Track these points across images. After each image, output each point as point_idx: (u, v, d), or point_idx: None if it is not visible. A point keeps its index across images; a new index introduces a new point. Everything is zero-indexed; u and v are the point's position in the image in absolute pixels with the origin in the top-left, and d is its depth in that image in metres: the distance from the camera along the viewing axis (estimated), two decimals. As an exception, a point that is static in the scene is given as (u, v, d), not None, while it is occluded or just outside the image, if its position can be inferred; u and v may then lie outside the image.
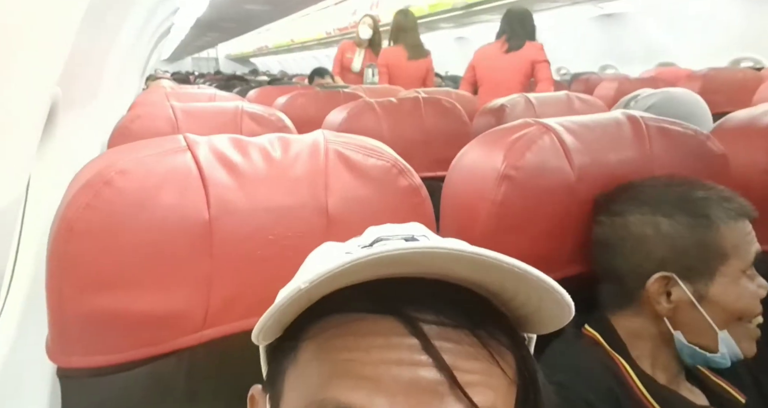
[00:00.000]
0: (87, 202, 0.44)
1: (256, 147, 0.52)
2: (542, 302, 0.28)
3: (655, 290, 0.55)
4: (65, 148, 0.94)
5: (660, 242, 0.54)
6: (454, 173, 0.66)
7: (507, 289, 0.28)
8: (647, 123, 0.66)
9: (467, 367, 0.26)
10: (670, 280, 0.54)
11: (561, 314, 0.28)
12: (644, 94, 1.08)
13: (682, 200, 0.55)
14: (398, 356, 0.26)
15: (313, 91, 1.96)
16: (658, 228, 0.55)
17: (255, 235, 0.49)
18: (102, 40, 1.35)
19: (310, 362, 0.28)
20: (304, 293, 0.25)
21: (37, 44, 0.55)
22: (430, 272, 0.28)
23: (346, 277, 0.26)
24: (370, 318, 0.27)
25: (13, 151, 0.56)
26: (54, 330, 0.46)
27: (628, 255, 0.56)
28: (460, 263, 0.26)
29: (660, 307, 0.55)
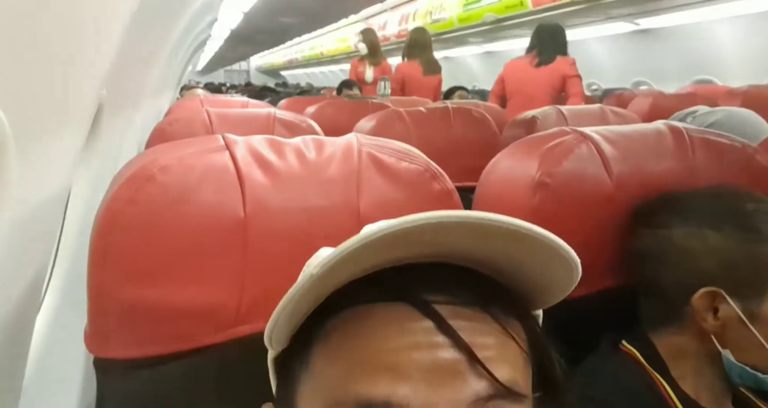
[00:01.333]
0: (130, 196, 0.46)
1: (291, 148, 0.53)
2: (548, 264, 0.27)
3: (701, 306, 0.52)
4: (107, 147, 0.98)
5: (707, 256, 0.52)
6: (487, 180, 0.66)
7: (513, 258, 0.27)
8: (690, 134, 0.65)
9: (484, 342, 0.26)
10: (718, 295, 0.51)
11: (568, 277, 0.28)
12: (702, 111, 1.06)
13: (732, 213, 0.52)
14: (415, 340, 0.26)
15: (342, 101, 1.99)
16: (705, 241, 0.52)
17: (288, 235, 0.49)
18: (145, 49, 1.41)
19: (323, 363, 0.27)
20: (315, 281, 0.25)
21: (87, 48, 0.57)
22: (435, 253, 0.27)
23: (353, 264, 0.26)
24: (381, 306, 0.27)
25: (61, 147, 0.59)
26: (93, 320, 0.47)
27: (672, 269, 0.54)
28: (465, 233, 0.26)
29: (706, 324, 0.52)
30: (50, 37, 0.45)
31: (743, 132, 0.89)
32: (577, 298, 0.59)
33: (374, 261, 0.26)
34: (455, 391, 0.25)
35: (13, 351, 0.55)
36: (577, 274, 0.28)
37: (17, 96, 0.41)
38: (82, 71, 0.60)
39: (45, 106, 0.50)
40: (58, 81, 0.52)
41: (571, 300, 0.53)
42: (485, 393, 0.25)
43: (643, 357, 0.54)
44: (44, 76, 0.47)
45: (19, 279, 0.52)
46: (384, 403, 0.25)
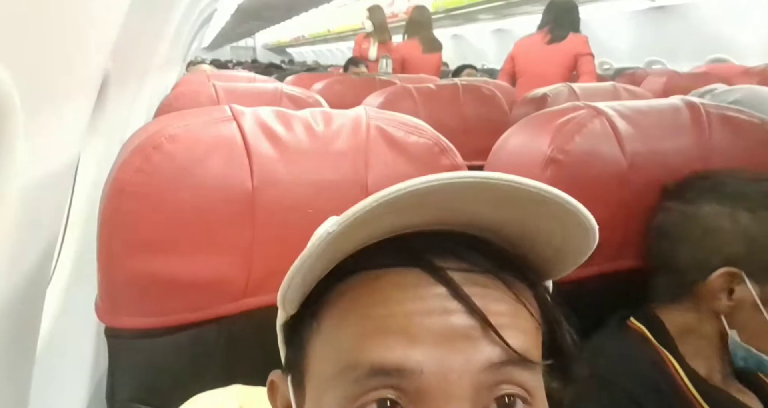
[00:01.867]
0: (138, 165, 0.46)
1: (299, 120, 0.53)
2: (565, 229, 0.27)
3: (718, 285, 0.51)
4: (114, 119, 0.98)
5: (736, 237, 0.51)
6: (497, 156, 0.65)
7: (528, 226, 0.27)
8: (708, 110, 0.63)
9: (497, 309, 0.26)
10: (737, 276, 0.51)
11: (585, 243, 0.27)
12: (721, 90, 1.03)
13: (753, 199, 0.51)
14: (428, 306, 0.25)
15: (349, 78, 1.97)
16: (736, 222, 0.51)
17: (295, 207, 0.49)
18: (151, 21, 1.39)
19: (335, 327, 0.27)
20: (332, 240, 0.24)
21: (92, 19, 0.56)
22: (447, 221, 0.27)
23: (370, 226, 0.25)
24: (394, 271, 0.26)
25: (68, 116, 0.59)
26: (103, 290, 0.47)
27: (695, 246, 0.53)
28: (482, 196, 0.25)
29: (718, 303, 0.52)
30: (58, 7, 0.44)
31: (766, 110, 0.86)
32: (588, 278, 0.59)
33: (388, 225, 0.26)
34: (468, 357, 0.25)
35: (24, 323, 0.56)
36: (594, 238, 0.27)
37: (24, 63, 0.40)
38: (89, 41, 0.59)
39: (52, 74, 0.49)
40: (66, 50, 0.51)
41: (581, 279, 0.53)
42: (498, 359, 0.25)
43: (651, 334, 0.54)
44: (51, 45, 0.46)
45: (29, 250, 0.52)
46: (397, 367, 0.24)
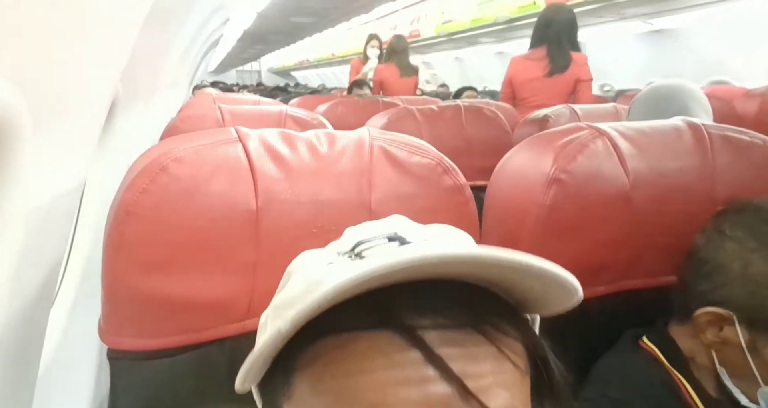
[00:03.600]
0: (144, 186, 0.46)
1: (303, 141, 0.53)
2: (546, 288, 0.26)
3: (705, 321, 0.50)
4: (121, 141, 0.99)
5: (741, 283, 0.49)
6: (499, 176, 0.65)
7: (507, 280, 0.26)
8: (710, 130, 0.63)
9: (477, 370, 0.24)
10: (725, 318, 0.49)
11: (567, 297, 0.27)
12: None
13: None
14: (403, 374, 0.24)
15: (353, 100, 1.99)
16: (747, 268, 0.49)
17: (299, 227, 0.49)
18: (160, 45, 1.42)
19: (307, 396, 0.26)
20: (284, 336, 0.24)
21: (103, 43, 0.58)
22: (423, 276, 0.26)
23: (332, 300, 0.24)
24: (366, 335, 0.25)
25: (77, 138, 0.60)
26: (106, 311, 0.47)
27: (702, 276, 0.52)
28: (457, 265, 0.25)
29: (704, 337, 0.51)
30: (70, 29, 0.46)
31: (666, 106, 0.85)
32: (594, 298, 0.58)
33: (355, 291, 0.24)
34: None
35: (27, 345, 0.56)
36: (577, 297, 0.27)
37: (36, 84, 0.41)
38: (99, 64, 0.61)
39: (63, 96, 0.50)
40: (76, 72, 0.52)
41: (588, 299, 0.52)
42: None
43: (664, 355, 0.53)
44: (64, 67, 0.48)
45: (34, 271, 0.53)
46: None
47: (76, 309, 0.76)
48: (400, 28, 5.83)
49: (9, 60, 0.34)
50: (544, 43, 2.12)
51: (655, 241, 0.59)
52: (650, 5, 3.14)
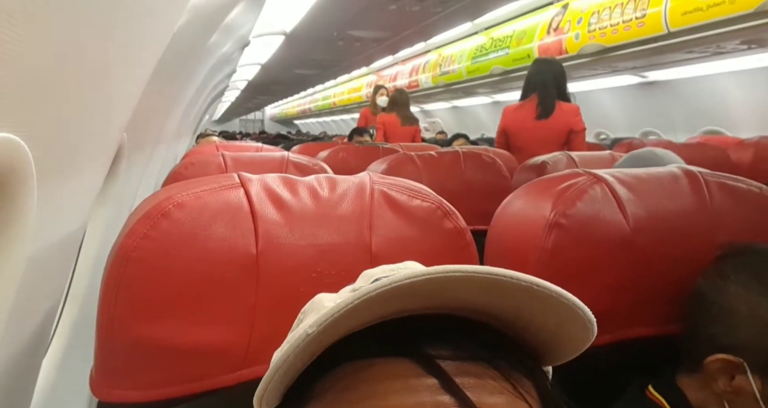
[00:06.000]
0: (145, 232, 0.46)
1: (304, 185, 0.54)
2: (562, 323, 0.26)
3: (716, 369, 0.49)
4: (125, 190, 1.00)
5: (749, 325, 0.48)
6: (499, 220, 0.65)
7: (523, 314, 0.26)
8: (706, 178, 0.64)
9: (493, 402, 0.24)
10: (737, 365, 0.48)
11: (583, 335, 0.27)
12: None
13: None
14: (419, 399, 0.24)
15: (354, 147, 2.03)
16: (754, 310, 0.48)
17: (299, 271, 0.49)
18: (166, 97, 1.47)
19: None
20: (311, 341, 0.24)
21: (110, 95, 0.60)
22: (439, 306, 0.26)
23: (352, 319, 0.24)
24: (382, 362, 0.25)
25: (80, 187, 0.60)
26: (99, 361, 0.46)
27: (709, 322, 0.51)
28: (473, 287, 0.24)
29: (715, 386, 0.49)
30: (77, 83, 0.48)
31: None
32: (597, 348, 0.57)
33: (374, 315, 0.25)
34: None
35: (16, 398, 0.54)
36: (592, 333, 0.26)
37: (43, 134, 0.42)
38: (105, 115, 0.63)
39: (68, 145, 0.51)
40: (82, 124, 0.54)
41: (594, 347, 0.51)
42: None
43: (671, 405, 0.51)
44: (68, 120, 0.49)
45: (27, 320, 0.52)
46: None
47: (69, 361, 0.74)
48: (399, 79, 6.06)
49: (16, 114, 0.35)
50: (535, 92, 2.21)
51: (658, 287, 0.59)
52: (638, 60, 3.27)
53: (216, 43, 2.04)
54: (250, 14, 2.63)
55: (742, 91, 3.47)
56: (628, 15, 2.85)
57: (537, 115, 2.17)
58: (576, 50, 3.32)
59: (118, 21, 0.50)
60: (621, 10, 2.90)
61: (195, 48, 1.60)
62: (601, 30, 3.07)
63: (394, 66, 6.44)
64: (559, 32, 3.47)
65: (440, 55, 5.23)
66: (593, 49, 3.18)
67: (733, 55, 3.05)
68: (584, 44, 3.23)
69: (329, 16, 3.94)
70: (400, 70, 6.19)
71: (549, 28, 3.59)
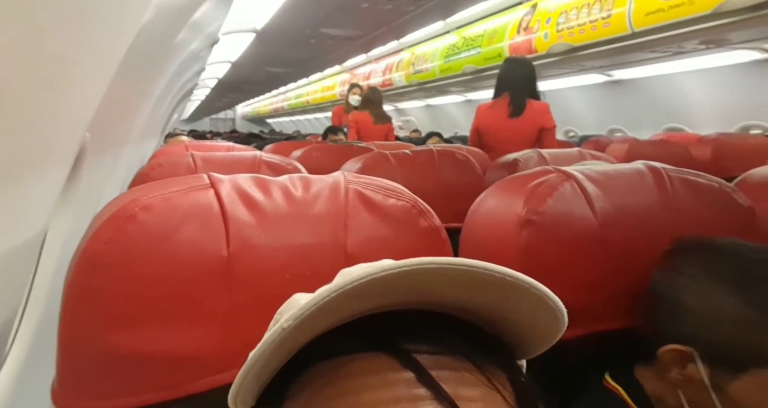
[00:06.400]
0: (109, 236, 0.44)
1: (277, 185, 0.53)
2: (535, 315, 0.27)
3: (669, 359, 0.51)
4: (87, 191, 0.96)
5: (697, 316, 0.50)
6: (473, 218, 0.66)
7: (496, 307, 0.27)
8: (669, 174, 0.66)
9: (468, 394, 0.24)
10: (687, 354, 0.50)
11: (554, 326, 0.27)
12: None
13: (754, 284, 0.49)
14: (395, 393, 0.24)
15: (328, 145, 2.02)
16: (702, 301, 0.50)
17: (273, 273, 0.48)
18: (131, 95, 1.42)
19: None
20: (287, 336, 0.24)
21: (71, 93, 0.57)
22: (415, 301, 0.26)
23: (329, 315, 0.24)
24: (359, 358, 0.25)
25: (38, 190, 0.57)
26: (62, 372, 0.44)
27: (662, 314, 0.53)
28: (448, 280, 0.25)
29: (669, 375, 0.51)
30: (37, 78, 0.45)
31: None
32: (569, 341, 0.58)
33: (351, 310, 0.25)
34: None
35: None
36: (563, 323, 0.27)
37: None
38: (66, 114, 0.60)
39: (25, 146, 0.49)
40: (42, 122, 0.51)
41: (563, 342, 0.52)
42: None
43: (630, 396, 0.52)
44: (27, 116, 0.47)
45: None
46: None
47: (28, 372, 0.71)
48: (373, 77, 6.05)
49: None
50: (506, 91, 2.26)
51: (627, 280, 0.60)
52: (604, 59, 3.36)
53: (184, 40, 1.99)
54: (219, 11, 2.58)
55: (701, 90, 3.62)
56: (594, 15, 2.92)
57: (509, 113, 2.22)
58: (545, 49, 3.38)
59: (78, 15, 0.47)
60: (588, 11, 2.98)
61: (162, 45, 1.56)
62: (569, 29, 3.14)
63: (367, 64, 6.43)
64: (528, 32, 3.53)
65: (413, 54, 5.25)
66: (562, 49, 3.25)
67: (693, 55, 3.17)
68: (553, 43, 3.30)
69: (301, 14, 3.91)
70: (373, 68, 6.18)
71: (519, 27, 3.65)
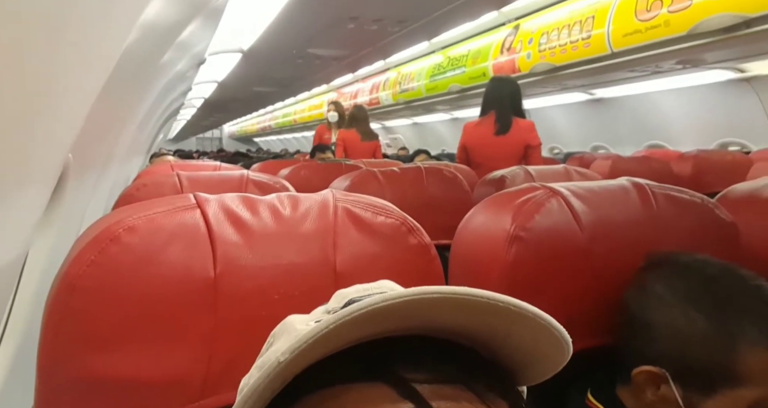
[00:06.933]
0: (92, 258, 0.43)
1: (265, 204, 0.52)
2: (537, 342, 0.26)
3: (643, 380, 0.51)
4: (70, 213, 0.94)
5: (666, 337, 0.50)
6: (462, 235, 0.66)
7: (499, 334, 0.26)
8: (653, 190, 0.67)
9: None
10: (660, 376, 0.49)
11: (558, 354, 0.27)
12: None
13: (716, 303, 0.49)
14: None
15: (316, 164, 2.02)
16: (670, 322, 0.50)
17: (261, 293, 0.47)
18: (116, 116, 1.41)
19: None
20: (282, 369, 0.23)
21: (54, 113, 0.57)
22: (414, 327, 0.26)
23: (326, 345, 0.24)
24: (356, 387, 0.25)
25: (18, 212, 0.56)
26: (41, 398, 0.42)
27: (632, 334, 0.53)
28: (450, 308, 0.24)
29: (644, 396, 0.51)
30: (20, 98, 0.45)
31: None
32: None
33: (349, 338, 0.24)
34: None
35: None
36: (568, 352, 0.26)
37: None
38: (48, 135, 0.59)
39: (6, 166, 0.48)
40: (23, 142, 0.51)
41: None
42: None
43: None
44: (9, 136, 0.46)
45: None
46: None
47: (5, 397, 0.68)
48: (360, 96, 6.11)
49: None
50: (492, 109, 2.32)
51: (614, 295, 0.60)
52: (586, 78, 3.44)
53: (170, 60, 1.99)
54: (205, 32, 2.60)
55: (680, 108, 3.71)
56: (575, 36, 3.00)
57: (495, 131, 2.27)
58: (528, 69, 3.45)
59: (63, 36, 0.47)
60: (568, 31, 3.06)
61: (147, 65, 1.56)
62: (550, 50, 3.22)
63: (354, 83, 6.50)
64: (511, 52, 3.61)
65: (399, 73, 5.32)
66: (544, 68, 3.32)
67: (671, 74, 3.27)
68: (535, 63, 3.38)
69: (288, 34, 3.95)
70: (360, 87, 6.24)
71: (502, 47, 3.73)
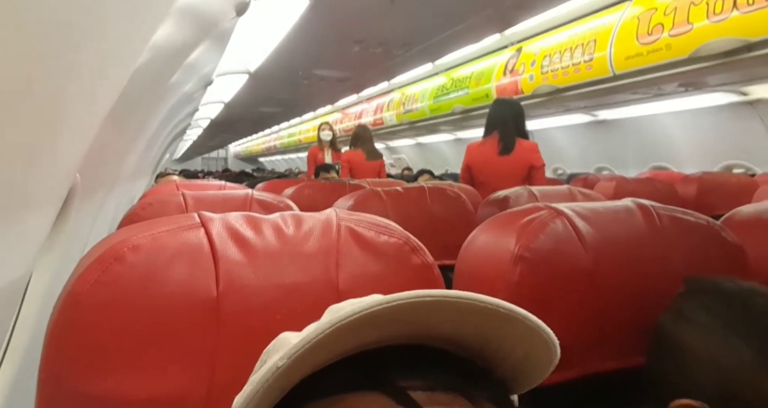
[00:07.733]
0: (96, 277, 0.43)
1: (269, 223, 0.53)
2: (528, 346, 0.26)
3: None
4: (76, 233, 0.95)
5: (709, 370, 0.47)
6: (466, 255, 0.66)
7: (491, 339, 0.27)
8: (658, 211, 0.66)
9: None
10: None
11: (548, 358, 0.27)
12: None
13: (763, 333, 0.45)
14: None
15: (320, 183, 2.03)
16: (714, 355, 0.46)
17: (264, 312, 0.47)
18: (123, 137, 1.43)
19: None
20: (280, 376, 0.23)
21: (62, 136, 0.57)
22: (409, 335, 0.26)
23: (322, 352, 0.24)
24: (352, 397, 0.25)
25: (24, 233, 0.56)
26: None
27: (671, 365, 0.50)
28: (443, 313, 0.25)
29: None
30: (30, 119, 0.46)
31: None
32: (567, 382, 0.56)
33: (345, 346, 0.25)
34: None
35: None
36: (556, 354, 0.27)
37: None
38: (57, 156, 0.60)
39: (13, 187, 0.48)
40: (32, 163, 0.51)
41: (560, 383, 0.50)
42: None
43: None
44: (18, 156, 0.46)
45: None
46: None
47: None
48: (365, 117, 6.17)
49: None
50: (496, 130, 2.34)
51: (621, 317, 0.60)
52: (588, 100, 3.48)
53: (178, 81, 2.03)
54: (213, 53, 2.65)
55: (684, 130, 3.73)
56: (577, 58, 3.04)
57: (499, 151, 2.29)
58: (531, 90, 3.49)
59: (72, 57, 0.48)
60: (570, 54, 3.10)
61: (156, 86, 1.59)
62: (553, 72, 3.26)
63: (359, 104, 6.58)
64: (514, 74, 3.66)
65: (403, 94, 5.39)
66: (547, 90, 3.35)
67: (674, 97, 3.29)
68: (538, 85, 3.41)
69: (294, 56, 4.02)
70: (365, 108, 6.31)
71: (505, 69, 3.78)
